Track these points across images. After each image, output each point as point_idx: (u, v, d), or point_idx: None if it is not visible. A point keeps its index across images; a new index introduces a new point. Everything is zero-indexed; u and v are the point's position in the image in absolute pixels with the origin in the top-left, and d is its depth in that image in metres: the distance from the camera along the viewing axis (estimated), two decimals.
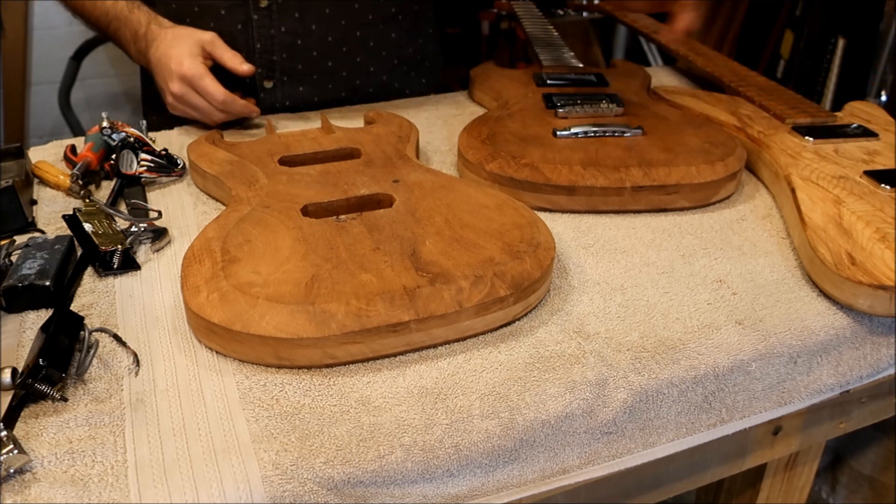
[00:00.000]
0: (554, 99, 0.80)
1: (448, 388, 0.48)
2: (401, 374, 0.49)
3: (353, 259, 0.53)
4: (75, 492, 0.41)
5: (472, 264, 0.53)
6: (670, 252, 0.62)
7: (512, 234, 0.57)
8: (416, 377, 0.49)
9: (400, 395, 0.47)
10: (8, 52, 1.83)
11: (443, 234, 0.57)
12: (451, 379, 0.48)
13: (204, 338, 0.51)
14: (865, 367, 0.56)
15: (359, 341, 0.49)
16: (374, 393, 0.47)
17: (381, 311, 0.49)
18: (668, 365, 0.51)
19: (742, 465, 0.62)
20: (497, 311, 0.52)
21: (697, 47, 1.02)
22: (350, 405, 0.46)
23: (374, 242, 0.56)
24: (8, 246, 0.60)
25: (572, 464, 0.50)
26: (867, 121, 0.77)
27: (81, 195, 0.71)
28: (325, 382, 0.48)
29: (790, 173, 0.67)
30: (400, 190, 0.64)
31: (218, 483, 0.41)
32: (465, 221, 0.58)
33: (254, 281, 0.51)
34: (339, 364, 0.50)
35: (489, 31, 2.14)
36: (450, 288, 0.51)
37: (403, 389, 0.48)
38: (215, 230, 0.58)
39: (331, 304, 0.49)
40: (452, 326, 0.50)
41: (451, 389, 0.48)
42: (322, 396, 0.47)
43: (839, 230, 0.58)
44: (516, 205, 0.61)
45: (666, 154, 0.69)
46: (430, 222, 0.58)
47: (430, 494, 0.46)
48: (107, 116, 0.76)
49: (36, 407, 0.46)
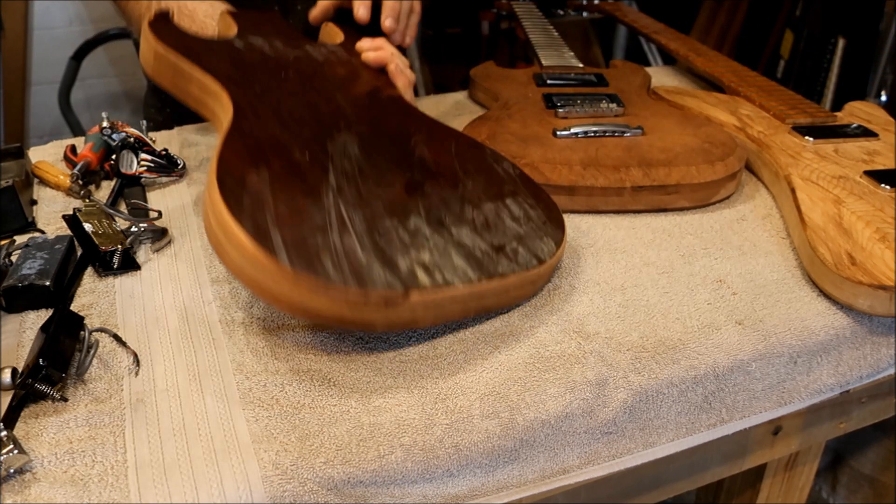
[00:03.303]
0: (554, 99, 0.80)
1: (448, 388, 0.48)
2: (401, 374, 0.49)
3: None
4: (75, 492, 0.41)
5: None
6: (670, 252, 0.62)
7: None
8: (416, 377, 0.49)
9: (400, 395, 0.47)
10: (8, 52, 1.83)
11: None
12: (451, 379, 0.49)
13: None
14: (865, 367, 0.56)
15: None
16: (374, 393, 0.47)
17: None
18: (668, 365, 0.51)
19: (742, 465, 0.62)
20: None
21: (697, 47, 1.02)
22: (350, 405, 0.46)
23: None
24: (8, 246, 0.60)
25: (572, 464, 0.50)
26: (867, 121, 0.77)
27: (81, 195, 0.71)
28: (325, 382, 0.48)
29: (790, 173, 0.67)
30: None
31: (218, 483, 0.41)
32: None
33: None
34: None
35: (489, 31, 2.14)
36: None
37: (403, 389, 0.48)
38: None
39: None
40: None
41: (451, 389, 0.48)
42: (322, 396, 0.47)
43: (839, 230, 0.58)
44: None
45: (666, 154, 0.69)
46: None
47: (430, 494, 0.46)
48: (107, 116, 0.76)
49: (36, 407, 0.46)
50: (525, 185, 0.61)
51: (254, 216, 0.45)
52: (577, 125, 0.74)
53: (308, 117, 0.59)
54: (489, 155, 0.64)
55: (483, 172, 0.61)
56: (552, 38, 1.02)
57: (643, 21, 1.16)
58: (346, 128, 0.59)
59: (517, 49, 2.17)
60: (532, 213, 0.58)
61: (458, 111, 0.92)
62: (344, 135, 0.58)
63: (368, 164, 0.56)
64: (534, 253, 0.54)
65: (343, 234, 0.47)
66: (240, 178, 0.48)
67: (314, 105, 0.61)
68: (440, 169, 0.59)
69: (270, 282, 0.44)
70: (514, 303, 0.55)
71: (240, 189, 0.47)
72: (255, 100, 0.58)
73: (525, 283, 0.54)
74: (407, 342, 0.52)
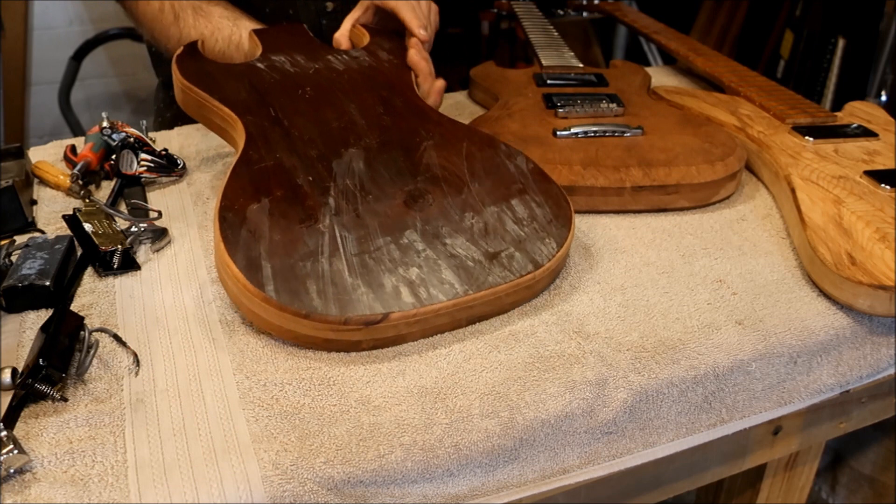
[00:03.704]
0: (554, 99, 0.80)
1: (448, 387, 0.48)
2: (400, 374, 0.49)
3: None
4: (75, 492, 0.41)
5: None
6: (670, 252, 0.62)
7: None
8: (415, 377, 0.49)
9: (400, 394, 0.47)
10: (8, 52, 1.83)
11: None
12: (451, 378, 0.49)
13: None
14: (865, 367, 0.56)
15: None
16: (374, 393, 0.47)
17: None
18: (668, 365, 0.51)
19: (742, 465, 0.62)
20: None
21: (697, 47, 1.02)
22: (350, 405, 0.46)
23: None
24: (8, 246, 0.60)
25: (572, 464, 0.50)
26: (867, 121, 0.77)
27: (81, 195, 0.71)
28: (325, 382, 0.48)
29: (790, 173, 0.67)
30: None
31: (218, 483, 0.41)
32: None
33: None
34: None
35: (489, 31, 2.14)
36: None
37: (403, 389, 0.48)
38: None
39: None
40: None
41: (451, 389, 0.48)
42: (322, 396, 0.47)
43: (839, 230, 0.58)
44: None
45: (666, 154, 0.69)
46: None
47: (430, 494, 0.46)
48: (107, 116, 0.76)
49: (36, 407, 0.46)
50: (536, 181, 0.61)
51: (248, 250, 0.51)
52: (577, 125, 0.74)
53: (317, 136, 0.62)
54: (503, 151, 0.63)
55: (492, 173, 0.61)
56: (552, 38, 1.02)
57: (643, 21, 1.16)
58: (355, 142, 0.62)
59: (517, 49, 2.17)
60: (538, 211, 0.58)
61: (458, 111, 0.92)
62: (351, 150, 0.61)
63: (371, 179, 0.58)
64: (531, 257, 0.54)
65: (333, 257, 0.51)
66: (240, 212, 0.53)
67: (325, 122, 0.64)
68: (446, 174, 0.60)
69: (259, 310, 0.50)
70: (511, 308, 0.55)
71: (239, 223, 0.53)
72: (268, 125, 0.63)
73: (519, 290, 0.54)
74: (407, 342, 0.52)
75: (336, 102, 0.67)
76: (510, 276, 0.52)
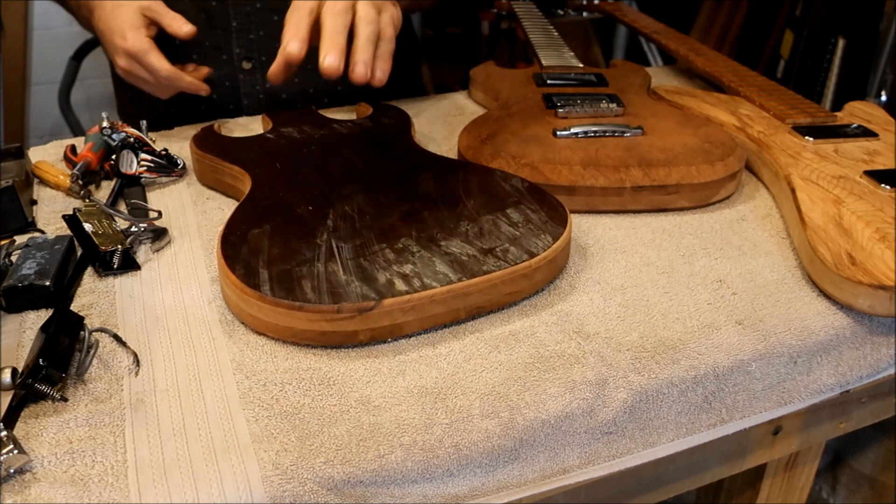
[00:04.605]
0: (554, 99, 0.80)
1: (448, 387, 0.48)
2: (400, 374, 0.49)
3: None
4: (75, 492, 0.41)
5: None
6: (670, 252, 0.62)
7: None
8: (415, 377, 0.49)
9: (400, 394, 0.47)
10: (8, 52, 1.83)
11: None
12: (451, 379, 0.49)
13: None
14: (865, 367, 0.56)
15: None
16: (374, 393, 0.47)
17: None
18: (668, 365, 0.51)
19: (742, 465, 0.62)
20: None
21: (697, 47, 1.02)
22: (350, 405, 0.46)
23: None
24: (8, 246, 0.60)
25: (572, 464, 0.50)
26: (867, 121, 0.77)
27: (81, 195, 0.71)
28: (325, 382, 0.48)
29: (790, 173, 0.67)
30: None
31: (218, 483, 0.41)
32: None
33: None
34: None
35: (489, 31, 2.14)
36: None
37: (403, 389, 0.48)
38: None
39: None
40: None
41: (451, 389, 0.48)
42: (322, 396, 0.47)
43: (839, 230, 0.58)
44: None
45: (666, 154, 0.69)
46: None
47: (430, 494, 0.46)
48: (107, 116, 0.76)
49: (36, 407, 0.46)
50: (531, 194, 0.62)
51: (247, 261, 0.53)
52: (577, 125, 0.74)
53: (320, 179, 0.66)
54: (498, 175, 0.66)
55: (487, 191, 0.63)
56: (552, 38, 1.02)
57: (643, 21, 1.16)
58: (356, 180, 0.65)
59: (517, 49, 2.17)
60: (533, 216, 0.59)
61: (458, 111, 0.92)
62: (352, 186, 0.64)
63: (369, 203, 0.61)
64: (526, 249, 0.55)
65: (329, 261, 0.53)
66: (242, 235, 0.56)
67: (328, 168, 0.68)
68: (443, 195, 0.62)
69: (257, 310, 0.51)
70: (509, 300, 0.55)
71: (240, 243, 0.55)
72: (274, 174, 0.67)
73: (515, 278, 0.54)
74: (407, 342, 0.52)
75: (339, 153, 0.71)
76: (505, 265, 0.53)
